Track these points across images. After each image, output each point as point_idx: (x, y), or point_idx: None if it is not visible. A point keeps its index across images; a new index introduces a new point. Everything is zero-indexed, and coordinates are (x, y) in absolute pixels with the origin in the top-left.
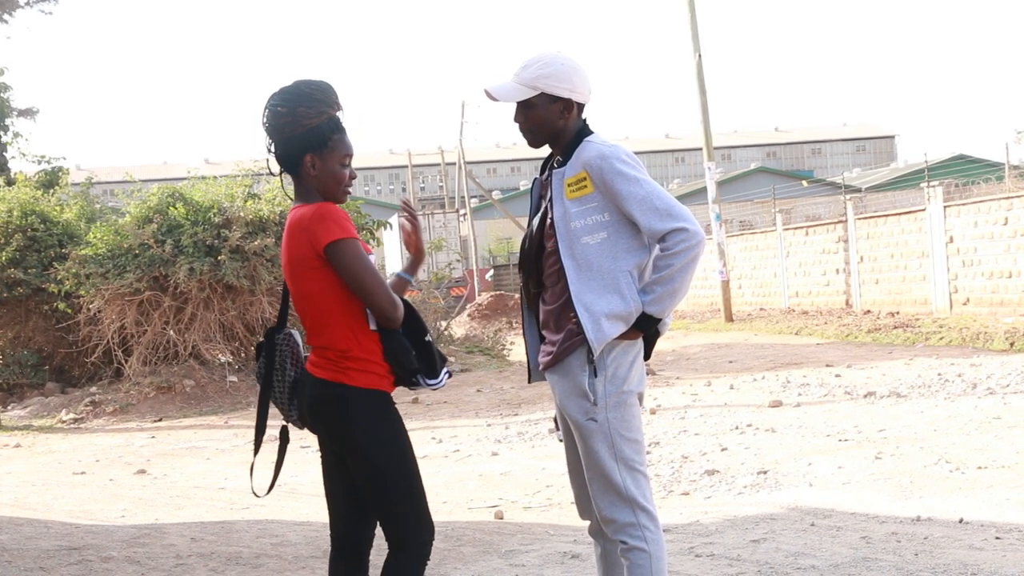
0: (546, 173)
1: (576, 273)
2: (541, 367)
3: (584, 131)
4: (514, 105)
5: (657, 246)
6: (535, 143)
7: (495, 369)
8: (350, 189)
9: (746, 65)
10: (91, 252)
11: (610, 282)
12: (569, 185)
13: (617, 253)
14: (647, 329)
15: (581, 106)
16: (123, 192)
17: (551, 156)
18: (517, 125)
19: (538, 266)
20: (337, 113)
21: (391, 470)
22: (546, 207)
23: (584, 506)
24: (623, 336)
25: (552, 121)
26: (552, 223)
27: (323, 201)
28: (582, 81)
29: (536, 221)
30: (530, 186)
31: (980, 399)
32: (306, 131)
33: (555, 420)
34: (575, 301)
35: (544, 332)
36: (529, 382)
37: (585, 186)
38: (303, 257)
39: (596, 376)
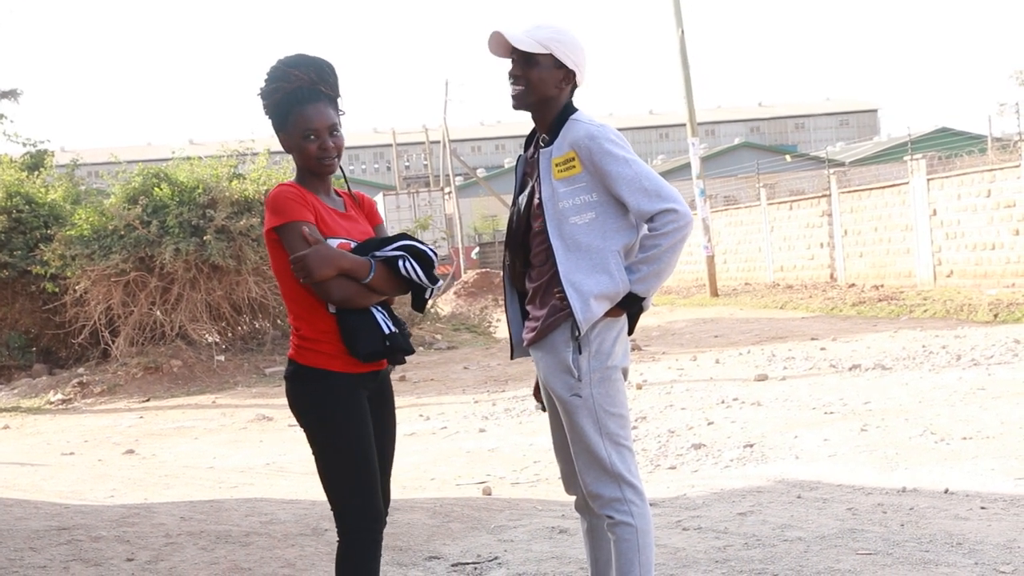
0: (531, 150)
1: (565, 253)
2: (525, 343)
3: (569, 108)
4: (510, 60)
5: (645, 226)
6: (522, 103)
7: (482, 346)
8: (329, 160)
9: (729, 40)
10: (76, 233)
11: (599, 262)
12: (557, 165)
13: (606, 233)
14: (631, 307)
15: (575, 85)
16: (108, 173)
17: (534, 132)
18: (511, 80)
19: (525, 245)
20: (299, 85)
21: (327, 455)
22: (533, 186)
23: (570, 481)
24: (607, 313)
25: (549, 86)
26: (540, 203)
27: (294, 180)
28: (585, 61)
29: (523, 200)
30: (515, 163)
31: (964, 370)
32: (269, 111)
33: (535, 395)
34: (564, 281)
35: (528, 308)
36: (512, 358)
37: (573, 166)
38: (266, 237)
39: (580, 352)
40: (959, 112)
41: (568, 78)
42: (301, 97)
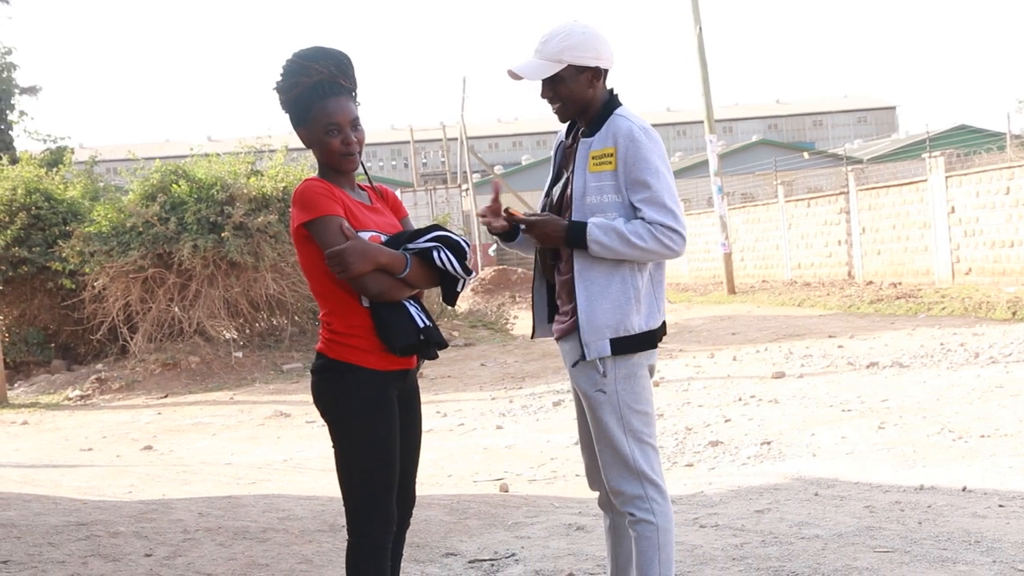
0: (570, 139)
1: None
2: (556, 335)
3: (613, 102)
4: (539, 82)
5: (646, 221)
6: (566, 117)
7: (499, 343)
8: (352, 154)
9: (747, 37)
10: (95, 230)
11: (614, 266)
12: (594, 158)
13: None
14: (571, 233)
15: (607, 73)
16: (126, 170)
17: (574, 122)
18: (546, 101)
19: None
20: (319, 79)
21: (347, 452)
22: (567, 178)
23: (594, 477)
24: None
25: (582, 92)
26: (571, 195)
27: (318, 175)
28: (605, 47)
29: (556, 191)
30: (553, 149)
31: (982, 368)
32: (287, 106)
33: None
34: (577, 280)
35: (558, 302)
36: (532, 338)
37: (609, 162)
38: (294, 233)
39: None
40: (978, 109)
41: (597, 74)
42: (322, 91)
